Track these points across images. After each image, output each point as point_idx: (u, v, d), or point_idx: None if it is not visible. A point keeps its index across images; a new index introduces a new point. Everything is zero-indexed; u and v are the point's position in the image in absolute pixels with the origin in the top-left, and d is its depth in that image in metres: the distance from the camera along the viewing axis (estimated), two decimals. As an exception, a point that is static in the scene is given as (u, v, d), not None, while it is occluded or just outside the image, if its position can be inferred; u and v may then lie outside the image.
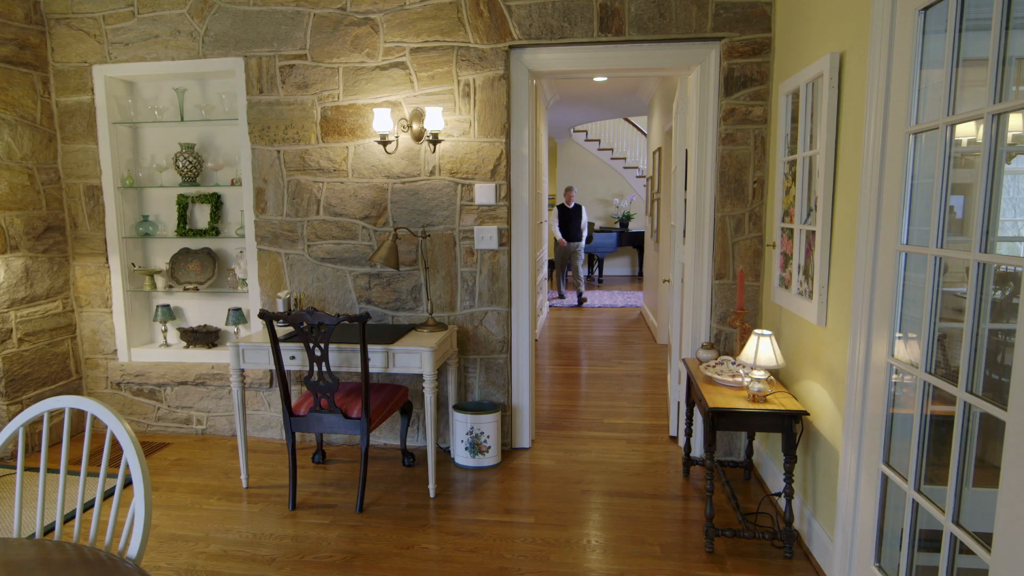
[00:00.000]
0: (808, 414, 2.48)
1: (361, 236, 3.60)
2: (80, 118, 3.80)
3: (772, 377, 2.79)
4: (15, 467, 3.33)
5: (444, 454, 3.61)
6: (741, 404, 2.52)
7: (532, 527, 2.81)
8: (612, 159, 12.26)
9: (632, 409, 4.40)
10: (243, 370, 3.16)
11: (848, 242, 2.23)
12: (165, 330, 4.00)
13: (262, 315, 2.86)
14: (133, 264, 3.97)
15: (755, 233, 3.30)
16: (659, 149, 6.53)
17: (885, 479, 2.00)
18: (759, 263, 3.32)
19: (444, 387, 3.63)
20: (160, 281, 4.03)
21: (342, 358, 3.06)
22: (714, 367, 2.89)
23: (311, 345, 2.84)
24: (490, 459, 3.43)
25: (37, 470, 3.24)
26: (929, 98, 1.82)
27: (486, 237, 3.48)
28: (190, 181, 3.85)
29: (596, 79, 6.48)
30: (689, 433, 3.28)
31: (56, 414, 3.82)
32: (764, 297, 3.30)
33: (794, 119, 2.81)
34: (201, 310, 4.06)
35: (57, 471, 3.35)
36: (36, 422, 3.71)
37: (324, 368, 2.88)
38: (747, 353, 2.57)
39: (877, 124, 1.96)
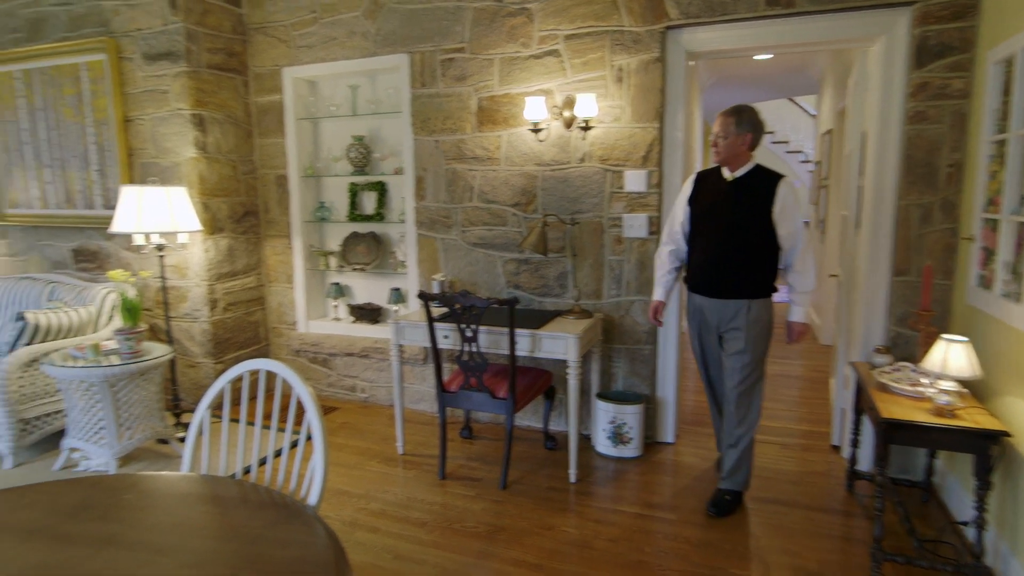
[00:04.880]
0: (1010, 435, 2.15)
1: (511, 222, 3.70)
2: (272, 115, 4.30)
3: (963, 389, 2.45)
4: (221, 417, 3.89)
5: (585, 441, 3.63)
6: (922, 417, 2.25)
7: (673, 524, 2.74)
8: (773, 143, 11.37)
9: (788, 412, 4.10)
10: (401, 346, 3.41)
11: (1076, 236, 1.88)
12: (336, 306, 4.44)
13: (421, 296, 3.06)
14: (311, 245, 4.44)
15: (947, 224, 2.90)
16: (829, 131, 5.94)
17: (1114, 520, 1.68)
18: (950, 259, 2.91)
19: (588, 374, 3.64)
20: (333, 261, 4.47)
21: (491, 340, 3.19)
22: (890, 373, 2.60)
23: (463, 326, 2.99)
24: (632, 450, 3.39)
25: (237, 421, 3.76)
26: None
27: (635, 225, 3.41)
28: (359, 170, 4.20)
29: (758, 57, 6.03)
30: (855, 444, 2.98)
31: (251, 374, 4.40)
32: (956, 298, 2.89)
33: (1006, 91, 2.41)
34: (367, 288, 4.44)
35: (252, 423, 3.87)
36: (235, 380, 4.30)
37: (474, 348, 3.01)
38: (933, 360, 2.27)
39: None
